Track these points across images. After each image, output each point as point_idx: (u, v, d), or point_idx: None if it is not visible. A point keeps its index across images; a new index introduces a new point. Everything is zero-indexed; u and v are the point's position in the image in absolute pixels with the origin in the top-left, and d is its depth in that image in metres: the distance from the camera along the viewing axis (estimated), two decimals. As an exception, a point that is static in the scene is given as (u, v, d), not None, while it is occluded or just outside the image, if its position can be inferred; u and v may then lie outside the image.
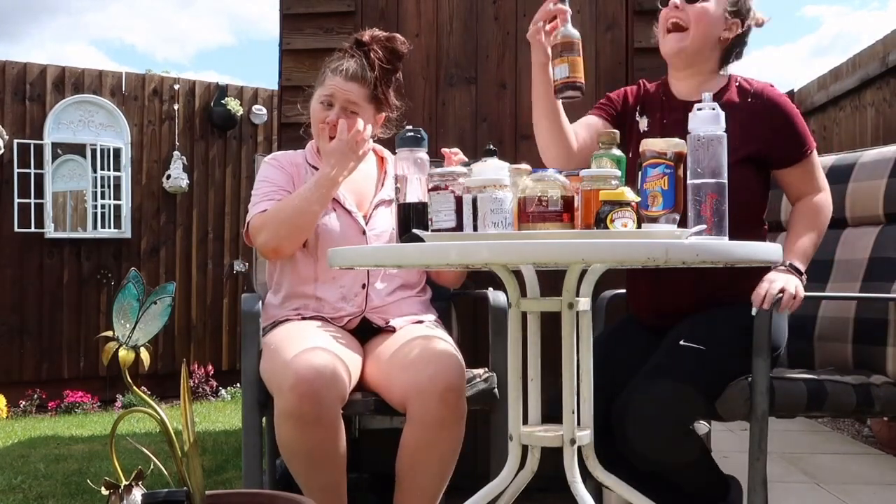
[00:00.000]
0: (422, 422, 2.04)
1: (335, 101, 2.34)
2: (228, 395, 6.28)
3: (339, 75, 2.35)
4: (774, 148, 2.12)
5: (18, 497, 3.18)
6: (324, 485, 2.02)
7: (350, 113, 2.33)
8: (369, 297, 2.30)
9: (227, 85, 6.63)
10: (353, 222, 2.33)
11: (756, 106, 2.12)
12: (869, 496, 3.08)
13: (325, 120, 2.33)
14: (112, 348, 1.51)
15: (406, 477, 2.09)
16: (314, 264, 2.30)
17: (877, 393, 2.05)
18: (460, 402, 2.06)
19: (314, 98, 2.39)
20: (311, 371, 1.95)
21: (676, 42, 2.12)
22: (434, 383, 2.02)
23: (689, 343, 2.00)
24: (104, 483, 1.47)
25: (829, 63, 5.52)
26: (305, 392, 1.94)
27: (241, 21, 45.85)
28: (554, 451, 1.78)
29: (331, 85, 2.34)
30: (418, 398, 2.03)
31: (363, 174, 2.43)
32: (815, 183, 2.16)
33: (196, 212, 6.48)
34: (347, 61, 2.38)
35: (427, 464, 2.08)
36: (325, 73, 2.39)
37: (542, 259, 1.56)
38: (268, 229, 2.26)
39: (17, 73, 5.94)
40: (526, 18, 3.06)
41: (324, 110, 2.34)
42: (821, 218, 2.13)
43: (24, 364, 5.86)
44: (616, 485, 1.82)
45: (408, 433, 2.07)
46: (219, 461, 3.79)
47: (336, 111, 2.33)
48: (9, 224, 5.82)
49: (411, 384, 2.04)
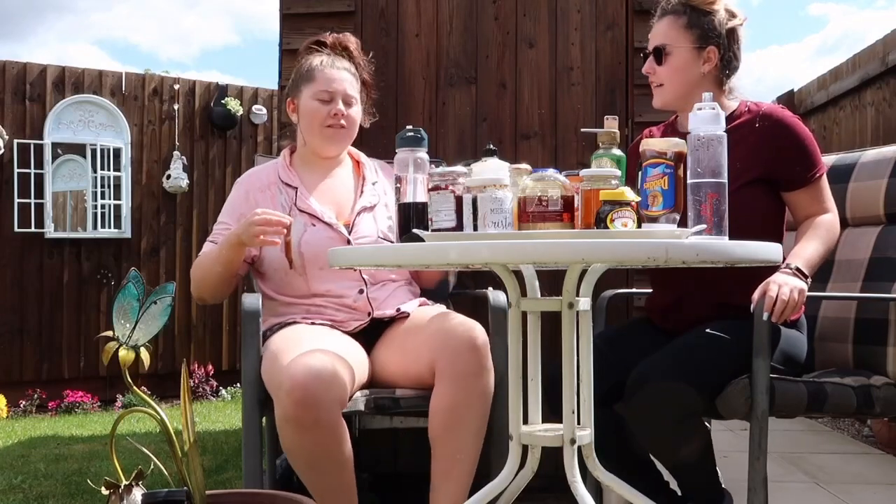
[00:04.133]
0: (453, 374, 2.06)
1: (335, 95, 2.33)
2: (228, 395, 6.28)
3: (331, 69, 2.35)
4: (782, 170, 2.12)
5: (18, 497, 3.18)
6: (329, 486, 2.02)
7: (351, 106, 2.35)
8: (371, 298, 2.30)
9: (227, 85, 6.63)
10: (336, 234, 2.31)
11: (764, 128, 2.13)
12: (869, 496, 3.08)
13: (331, 113, 2.32)
14: (112, 348, 1.51)
15: (442, 440, 2.08)
16: (306, 283, 2.30)
17: (877, 394, 2.05)
18: (487, 356, 2.09)
19: (304, 97, 2.36)
20: (308, 375, 1.94)
21: (659, 98, 2.21)
22: (462, 335, 2.07)
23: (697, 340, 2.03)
24: (104, 483, 1.47)
25: (834, 63, 5.50)
26: (301, 397, 1.93)
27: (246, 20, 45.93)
28: (554, 450, 1.78)
29: (326, 79, 2.34)
30: (447, 351, 2.06)
31: (340, 182, 2.42)
32: (823, 205, 2.16)
33: (196, 212, 6.48)
34: (329, 57, 2.38)
35: (464, 420, 2.07)
36: (309, 70, 2.37)
37: (542, 259, 1.56)
38: (194, 280, 2.33)
39: (17, 73, 5.94)
40: (526, 18, 3.06)
41: (324, 105, 2.33)
42: (829, 234, 2.12)
43: (24, 364, 5.86)
44: (616, 485, 1.82)
45: (439, 392, 2.07)
46: (219, 461, 3.78)
47: (339, 103, 2.33)
48: (9, 224, 5.82)
49: (439, 341, 2.08)
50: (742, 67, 2.22)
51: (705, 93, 1.73)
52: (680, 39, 2.14)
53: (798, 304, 1.93)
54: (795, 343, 2.14)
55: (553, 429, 1.79)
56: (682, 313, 2.15)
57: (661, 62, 2.16)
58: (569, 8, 3.05)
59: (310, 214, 2.32)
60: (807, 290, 1.97)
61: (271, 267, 2.33)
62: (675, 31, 2.15)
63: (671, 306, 2.20)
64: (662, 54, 2.15)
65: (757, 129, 2.13)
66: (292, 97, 2.41)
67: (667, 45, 2.15)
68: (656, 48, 2.16)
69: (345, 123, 2.35)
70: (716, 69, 2.16)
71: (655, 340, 2.13)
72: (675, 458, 2.05)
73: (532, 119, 3.05)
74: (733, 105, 2.19)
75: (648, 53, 2.19)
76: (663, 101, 2.20)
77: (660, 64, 2.16)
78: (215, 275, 2.27)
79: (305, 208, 2.33)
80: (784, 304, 1.90)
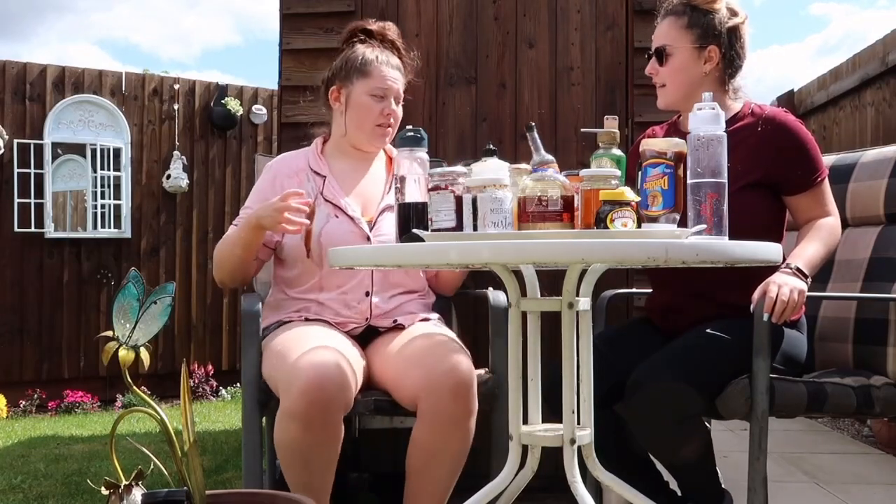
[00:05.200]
0: (433, 419, 2.03)
1: (389, 93, 2.34)
2: (228, 395, 6.28)
3: (388, 67, 2.35)
4: (783, 174, 2.12)
5: (18, 497, 3.18)
6: (311, 484, 2.01)
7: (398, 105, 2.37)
8: (374, 305, 2.28)
9: (227, 85, 6.63)
10: (357, 229, 2.29)
11: (767, 132, 2.13)
12: (869, 496, 3.08)
13: (384, 112, 2.33)
14: (112, 348, 1.51)
15: (417, 474, 2.09)
16: (318, 273, 2.27)
17: (877, 394, 2.05)
18: (471, 399, 2.05)
19: (356, 91, 2.34)
20: (323, 376, 1.94)
21: (663, 99, 2.21)
22: (446, 380, 2.02)
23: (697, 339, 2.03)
24: (104, 483, 1.47)
25: (835, 63, 5.50)
26: (316, 398, 1.93)
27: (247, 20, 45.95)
28: (554, 450, 1.78)
29: (383, 77, 2.33)
30: (430, 395, 2.03)
31: (371, 176, 2.40)
32: (824, 208, 2.16)
33: (196, 212, 6.48)
34: (383, 53, 2.37)
35: (438, 461, 2.08)
36: (364, 63, 2.34)
37: (542, 259, 1.56)
38: (215, 261, 2.33)
39: (17, 72, 5.94)
40: (526, 18, 3.06)
41: (378, 103, 2.33)
42: (830, 236, 2.12)
43: (24, 364, 5.86)
44: (616, 485, 1.82)
45: (419, 430, 2.06)
46: (219, 461, 3.78)
47: (391, 103, 2.35)
48: (9, 224, 5.82)
49: (422, 381, 2.04)
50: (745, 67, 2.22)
51: (705, 93, 1.73)
52: (680, 39, 2.15)
53: (798, 305, 1.93)
54: (795, 343, 2.14)
55: (553, 429, 1.79)
56: (682, 313, 2.15)
57: (662, 63, 2.16)
58: (569, 8, 3.05)
59: (334, 205, 2.30)
60: (807, 291, 1.97)
61: (290, 255, 2.31)
62: (676, 32, 2.15)
63: (671, 306, 2.20)
64: (664, 55, 2.16)
65: (759, 132, 2.12)
66: (340, 85, 2.38)
67: (667, 45, 2.15)
68: (658, 49, 2.17)
69: (392, 123, 2.37)
70: (718, 69, 2.16)
71: (655, 341, 2.13)
72: (675, 458, 2.05)
73: (532, 119, 3.05)
74: (737, 106, 2.19)
75: (651, 54, 2.19)
76: (666, 102, 2.21)
77: (662, 65, 2.17)
78: (235, 258, 2.26)
79: (331, 198, 2.31)
80: (784, 304, 1.90)
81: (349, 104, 2.36)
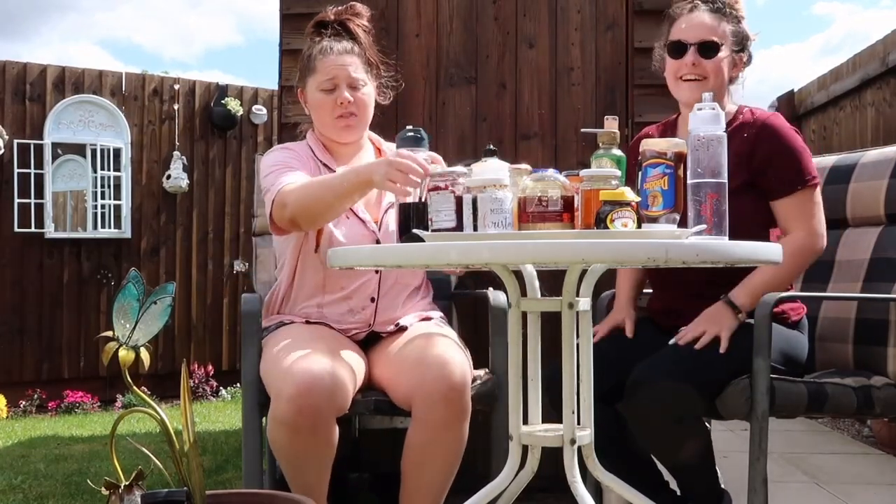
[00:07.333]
0: (426, 422, 2.03)
1: (338, 81, 2.23)
2: (228, 395, 6.28)
3: (330, 55, 2.25)
4: (767, 176, 2.12)
5: (18, 497, 3.18)
6: (307, 483, 2.02)
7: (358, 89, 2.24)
8: (378, 310, 2.26)
9: (227, 85, 6.63)
10: (367, 231, 2.24)
11: (759, 135, 2.13)
12: (869, 496, 3.08)
13: (337, 102, 2.22)
14: (112, 348, 1.51)
15: (411, 476, 2.09)
16: (323, 272, 2.23)
17: (877, 395, 2.05)
18: (464, 403, 2.05)
19: (310, 89, 2.28)
20: (311, 384, 1.93)
21: (697, 90, 2.09)
22: (437, 384, 2.01)
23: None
24: (104, 483, 1.47)
25: (837, 63, 5.49)
26: (303, 405, 1.92)
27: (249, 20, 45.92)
28: (554, 450, 1.78)
29: (327, 67, 2.24)
30: (422, 399, 2.02)
31: None
32: (804, 221, 2.10)
33: (196, 212, 6.48)
34: (328, 41, 2.28)
35: (432, 463, 2.08)
36: (309, 59, 2.28)
37: (542, 259, 1.56)
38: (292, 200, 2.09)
39: (17, 73, 5.94)
40: (526, 18, 3.06)
41: (329, 95, 2.24)
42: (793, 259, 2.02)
43: (24, 364, 5.86)
44: (616, 485, 1.82)
45: (412, 433, 2.06)
46: (219, 461, 3.78)
47: (343, 91, 2.23)
48: (9, 224, 5.82)
49: (415, 385, 2.03)
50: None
51: (705, 93, 1.73)
52: (727, 40, 2.17)
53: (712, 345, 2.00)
54: (796, 343, 2.14)
55: (553, 429, 1.79)
56: (683, 313, 2.15)
57: (709, 56, 2.15)
58: (569, 8, 3.05)
59: None
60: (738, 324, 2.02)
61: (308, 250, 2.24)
62: (724, 31, 2.17)
63: (671, 306, 2.20)
64: (713, 50, 2.15)
65: (748, 135, 2.13)
66: (301, 87, 2.34)
67: (717, 41, 2.16)
68: (708, 42, 2.15)
69: (354, 110, 2.25)
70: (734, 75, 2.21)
71: (656, 340, 2.13)
72: (675, 459, 2.05)
73: (532, 119, 3.05)
74: (731, 109, 2.20)
75: (689, 44, 2.15)
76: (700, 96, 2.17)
77: (708, 58, 2.15)
78: (323, 204, 2.06)
79: None
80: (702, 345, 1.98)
81: (309, 104, 2.32)
